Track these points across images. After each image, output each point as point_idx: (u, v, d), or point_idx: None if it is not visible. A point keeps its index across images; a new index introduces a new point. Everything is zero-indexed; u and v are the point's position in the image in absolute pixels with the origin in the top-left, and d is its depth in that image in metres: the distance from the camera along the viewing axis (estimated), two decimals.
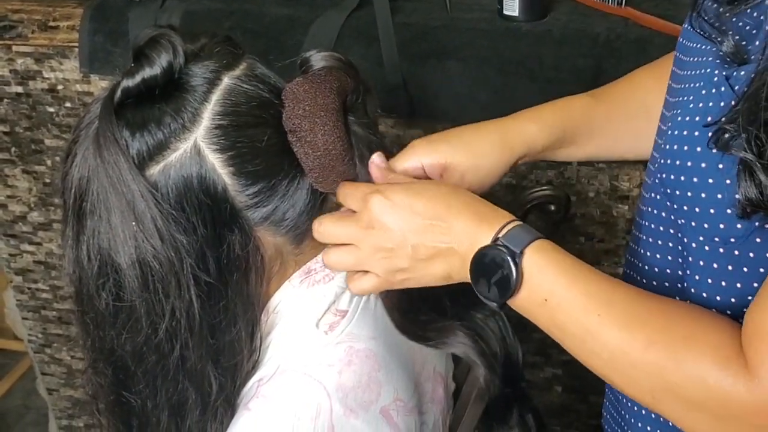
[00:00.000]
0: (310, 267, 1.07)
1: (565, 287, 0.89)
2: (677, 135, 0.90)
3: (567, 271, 0.90)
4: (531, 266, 0.90)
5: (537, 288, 0.91)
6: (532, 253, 0.90)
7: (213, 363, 1.00)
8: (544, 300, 0.90)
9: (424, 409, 1.15)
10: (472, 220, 0.94)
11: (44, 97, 1.93)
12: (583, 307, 0.87)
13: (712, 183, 0.85)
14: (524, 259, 0.90)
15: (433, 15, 1.66)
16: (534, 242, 0.91)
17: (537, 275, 0.90)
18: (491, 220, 0.93)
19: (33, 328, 2.34)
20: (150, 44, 0.96)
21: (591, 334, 0.87)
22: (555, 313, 0.90)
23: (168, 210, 0.94)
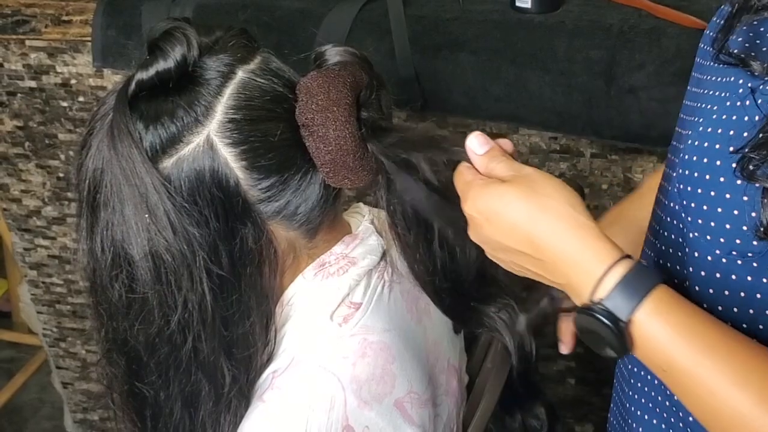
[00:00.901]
0: (323, 260, 1.07)
1: (687, 362, 0.78)
2: (697, 146, 0.86)
3: (688, 342, 0.78)
4: (642, 335, 0.79)
5: (652, 356, 0.81)
6: (644, 319, 0.79)
7: (226, 355, 1.00)
8: (663, 370, 0.80)
9: (438, 402, 1.15)
10: (562, 260, 0.83)
11: (57, 92, 1.93)
12: (708, 387, 0.78)
13: (729, 198, 0.82)
14: (633, 327, 0.79)
15: (446, 7, 1.66)
16: (645, 301, 0.79)
17: (650, 344, 0.80)
18: (587, 266, 0.81)
19: (48, 322, 2.35)
20: (164, 37, 0.96)
21: (717, 412, 0.78)
22: (676, 383, 0.81)
23: (181, 203, 0.94)
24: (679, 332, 0.79)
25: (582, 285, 0.81)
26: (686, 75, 0.98)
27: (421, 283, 1.11)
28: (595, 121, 1.54)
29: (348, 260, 1.07)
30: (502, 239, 0.86)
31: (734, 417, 0.77)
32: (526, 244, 0.85)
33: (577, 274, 0.82)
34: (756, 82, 0.82)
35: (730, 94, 0.85)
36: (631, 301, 0.79)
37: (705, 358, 0.78)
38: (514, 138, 1.66)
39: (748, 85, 0.82)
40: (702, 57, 0.95)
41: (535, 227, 0.84)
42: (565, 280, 0.84)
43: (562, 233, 0.83)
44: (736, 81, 0.85)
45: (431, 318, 1.17)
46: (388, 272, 1.11)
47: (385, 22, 1.62)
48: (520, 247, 0.85)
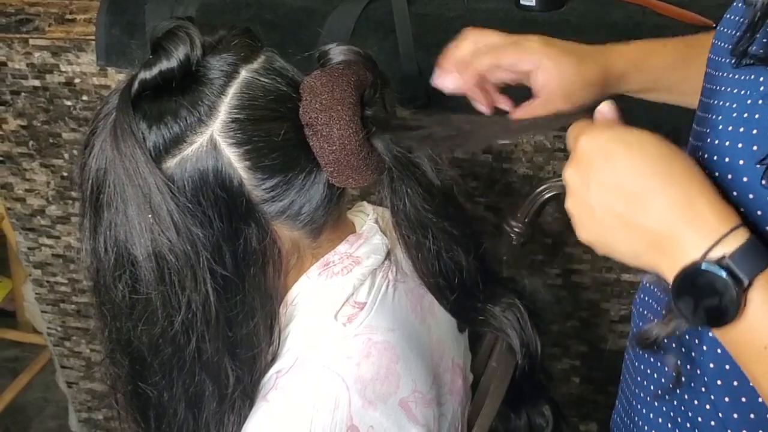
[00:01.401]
0: (328, 259, 1.07)
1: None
2: (717, 144, 0.84)
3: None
4: (759, 303, 0.74)
5: (759, 330, 0.75)
6: (764, 286, 0.74)
7: (230, 355, 1.00)
8: (764, 347, 0.74)
9: (443, 401, 1.15)
10: (682, 210, 0.77)
11: (61, 91, 1.93)
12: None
13: (752, 198, 0.80)
14: (753, 292, 0.74)
15: (450, 5, 1.66)
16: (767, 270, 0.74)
17: (759, 316, 0.74)
18: (710, 220, 0.76)
19: (52, 321, 2.35)
20: (168, 36, 0.96)
21: None
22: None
23: (184, 203, 0.94)
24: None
25: (695, 239, 0.76)
26: None
27: (426, 283, 1.11)
28: None
29: (352, 260, 1.07)
30: (615, 173, 0.79)
31: None
32: (648, 179, 0.78)
33: (694, 225, 0.76)
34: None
35: (751, 92, 0.83)
36: (757, 265, 0.74)
37: None
38: None
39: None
40: (716, 53, 0.94)
41: (670, 162, 0.79)
42: (671, 227, 0.77)
43: (694, 181, 0.78)
44: (757, 78, 0.83)
45: (435, 317, 1.17)
46: (393, 271, 1.11)
47: (389, 21, 1.62)
48: (637, 187, 0.78)
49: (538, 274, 1.78)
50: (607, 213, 0.80)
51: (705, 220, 0.76)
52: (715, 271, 0.74)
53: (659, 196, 0.77)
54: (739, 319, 0.75)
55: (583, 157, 0.82)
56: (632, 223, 0.79)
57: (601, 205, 0.80)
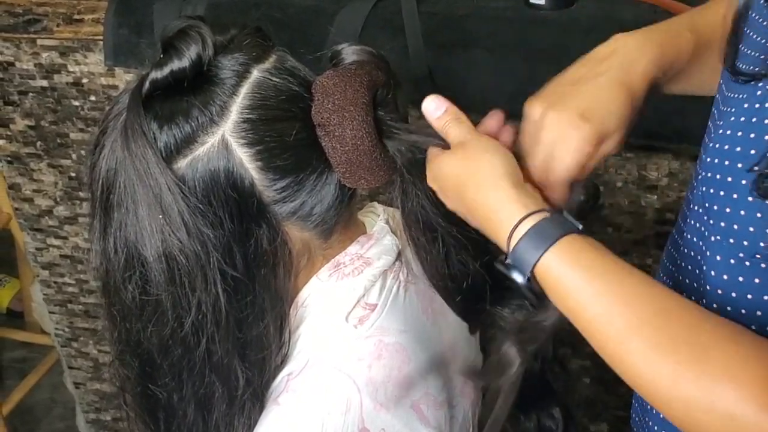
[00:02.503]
0: (338, 260, 1.06)
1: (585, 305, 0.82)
2: (718, 149, 0.87)
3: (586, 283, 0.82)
4: (548, 282, 0.85)
5: (559, 302, 0.85)
6: (549, 266, 0.84)
7: (240, 357, 1.00)
8: (568, 314, 0.85)
9: (454, 403, 1.14)
10: (488, 223, 0.90)
11: (69, 91, 1.93)
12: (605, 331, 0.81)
13: (752, 201, 0.81)
14: (540, 275, 0.85)
15: (459, 4, 1.65)
16: (550, 249, 0.83)
17: (555, 291, 0.85)
18: (503, 225, 0.87)
19: (60, 322, 2.35)
20: (179, 36, 0.95)
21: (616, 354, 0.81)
22: (582, 327, 0.84)
23: (195, 204, 0.93)
24: (583, 276, 0.82)
25: (501, 239, 0.87)
26: None
27: (435, 285, 1.11)
28: None
29: (363, 261, 1.06)
30: (452, 203, 0.95)
31: (628, 363, 0.79)
32: (464, 206, 0.92)
33: (497, 229, 0.88)
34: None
35: (749, 96, 0.85)
36: (537, 250, 0.83)
37: (604, 302, 0.81)
38: None
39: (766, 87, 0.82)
40: None
41: (465, 190, 0.91)
42: (492, 236, 0.89)
43: (483, 193, 0.89)
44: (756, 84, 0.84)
45: (447, 318, 1.16)
46: (404, 273, 1.10)
47: (398, 20, 1.62)
48: (462, 209, 0.93)
49: None
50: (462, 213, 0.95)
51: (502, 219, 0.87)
52: (505, 267, 0.88)
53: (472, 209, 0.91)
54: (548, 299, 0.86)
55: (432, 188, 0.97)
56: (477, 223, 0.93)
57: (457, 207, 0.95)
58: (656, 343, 0.78)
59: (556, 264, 0.83)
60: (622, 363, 0.80)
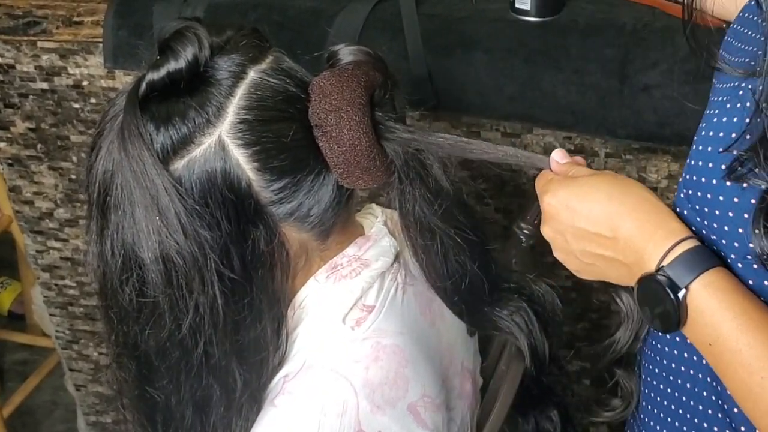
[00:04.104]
0: (336, 262, 1.06)
1: (730, 338, 0.81)
2: (701, 150, 0.88)
3: (735, 317, 0.81)
4: (696, 306, 0.83)
5: (701, 330, 0.84)
6: (700, 290, 0.83)
7: (238, 359, 1.00)
8: (709, 345, 0.83)
9: (452, 405, 1.14)
10: (638, 234, 0.88)
11: (69, 93, 1.93)
12: (747, 366, 0.80)
13: (737, 202, 0.82)
14: (689, 296, 0.83)
15: (458, 6, 1.65)
16: (703, 274, 0.83)
17: (701, 317, 0.83)
18: (658, 238, 0.86)
19: (60, 324, 2.35)
20: (175, 37, 0.95)
21: (754, 394, 0.80)
22: (719, 360, 0.83)
23: (192, 205, 0.93)
24: (729, 308, 0.81)
25: (652, 256, 0.85)
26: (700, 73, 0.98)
27: (434, 286, 1.10)
28: (609, 121, 1.53)
29: (361, 262, 1.06)
30: (581, 223, 0.91)
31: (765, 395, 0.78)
32: (604, 224, 0.89)
33: (650, 247, 0.86)
34: (755, 82, 0.82)
35: (731, 97, 0.86)
36: (692, 271, 0.83)
37: (748, 336, 0.80)
38: (528, 138, 1.65)
39: (749, 86, 0.83)
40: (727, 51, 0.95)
41: (612, 206, 0.89)
42: (636, 256, 0.87)
43: (641, 210, 0.88)
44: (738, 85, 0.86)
45: (445, 320, 1.16)
46: (402, 274, 1.10)
47: (398, 21, 1.61)
48: (597, 228, 0.90)
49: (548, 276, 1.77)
50: (586, 254, 0.92)
51: (657, 238, 0.86)
52: (657, 280, 0.84)
53: (619, 230, 0.88)
54: (687, 322, 0.84)
55: (551, 213, 0.95)
56: (607, 257, 0.90)
57: (579, 250, 0.93)
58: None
59: (708, 290, 0.83)
60: (759, 398, 0.80)
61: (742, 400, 0.82)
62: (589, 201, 0.91)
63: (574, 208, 0.92)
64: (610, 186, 0.91)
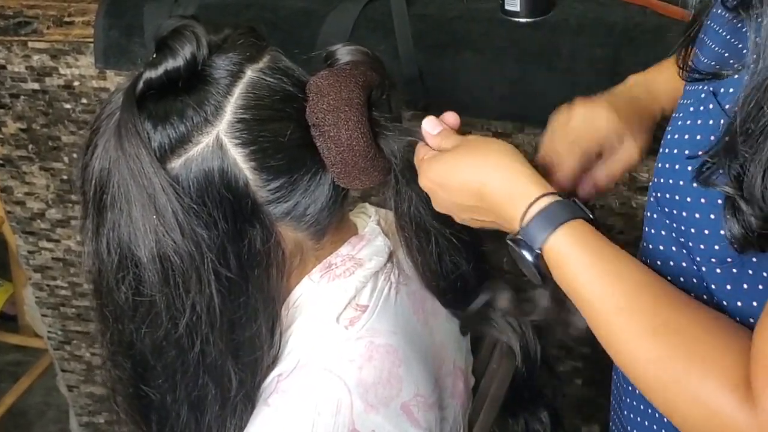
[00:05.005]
0: (330, 261, 1.06)
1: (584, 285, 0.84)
2: (668, 153, 0.88)
3: (587, 265, 0.84)
4: (552, 262, 0.86)
5: (561, 281, 0.87)
6: (552, 247, 0.85)
7: (233, 358, 1.00)
8: (569, 293, 0.86)
9: (445, 404, 1.14)
10: (501, 199, 0.91)
11: (60, 94, 1.92)
12: (602, 312, 0.83)
13: (704, 203, 0.82)
14: (545, 254, 0.86)
15: (449, 5, 1.65)
16: (555, 232, 0.85)
17: (559, 271, 0.86)
18: (516, 201, 0.89)
19: (52, 325, 2.35)
20: (173, 35, 0.95)
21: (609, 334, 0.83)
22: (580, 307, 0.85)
23: (189, 204, 0.93)
24: (584, 256, 0.84)
25: (515, 220, 0.88)
26: None
27: (428, 285, 1.11)
28: None
29: (354, 262, 1.06)
30: (457, 198, 0.95)
31: (620, 342, 0.81)
32: (473, 195, 0.92)
33: (511, 210, 0.89)
34: (716, 85, 0.82)
35: (694, 100, 0.86)
36: (546, 230, 0.86)
37: (602, 283, 0.83)
38: (519, 137, 1.65)
39: (710, 89, 0.83)
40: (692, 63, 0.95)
41: (475, 177, 0.92)
42: (505, 219, 0.90)
43: (497, 176, 0.91)
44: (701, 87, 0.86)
45: (438, 319, 1.16)
46: (395, 274, 1.10)
47: (389, 21, 1.61)
48: (472, 201, 0.93)
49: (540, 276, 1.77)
50: (476, 221, 0.97)
51: (515, 201, 0.89)
52: (515, 245, 0.88)
53: (485, 197, 0.91)
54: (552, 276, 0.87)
55: (430, 193, 0.98)
56: (489, 221, 0.94)
57: (468, 218, 0.97)
58: (650, 327, 0.80)
59: (563, 244, 0.85)
60: (616, 343, 0.82)
61: (606, 347, 0.84)
62: (456, 175, 0.94)
63: (445, 184, 0.95)
64: (472, 155, 0.94)
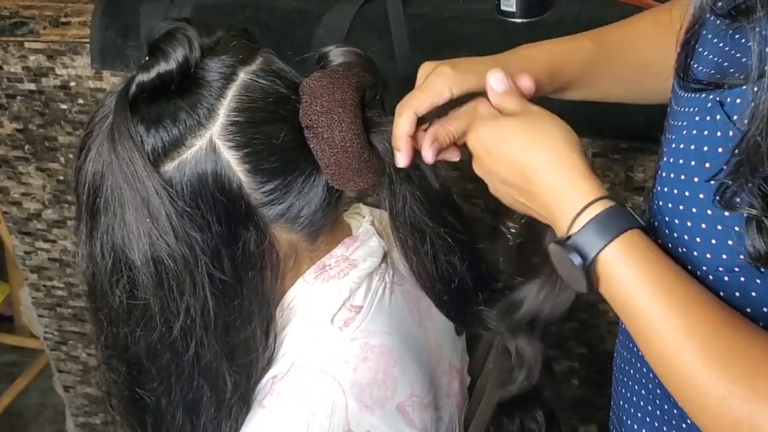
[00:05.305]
0: (324, 263, 1.06)
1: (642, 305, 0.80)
2: (672, 162, 0.87)
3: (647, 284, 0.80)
4: (606, 273, 0.81)
5: (612, 295, 0.82)
6: (608, 258, 0.81)
7: (228, 361, 1.00)
8: (620, 308, 0.82)
9: (440, 404, 1.14)
10: (549, 192, 0.85)
11: (57, 94, 1.92)
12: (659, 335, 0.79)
13: (711, 214, 0.81)
14: (599, 265, 0.81)
15: (445, 6, 1.65)
16: (613, 242, 0.80)
17: (611, 285, 0.81)
18: (569, 200, 0.84)
19: (49, 325, 2.34)
20: (165, 38, 0.95)
21: (667, 358, 0.79)
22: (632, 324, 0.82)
23: (182, 207, 0.93)
24: (641, 273, 0.80)
25: (562, 219, 0.84)
26: None
27: (423, 286, 1.11)
28: (596, 120, 1.53)
29: (348, 263, 1.06)
30: (500, 170, 0.90)
31: (677, 366, 0.78)
32: (518, 175, 0.88)
33: (559, 207, 0.84)
34: (722, 95, 0.81)
35: (699, 109, 0.85)
36: (601, 239, 0.81)
37: (659, 302, 0.79)
38: None
39: (717, 99, 0.82)
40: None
41: (527, 158, 0.87)
42: (548, 212, 0.86)
43: (551, 166, 0.86)
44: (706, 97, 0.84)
45: (433, 320, 1.16)
46: (389, 274, 1.10)
47: (385, 22, 1.61)
48: (513, 178, 0.89)
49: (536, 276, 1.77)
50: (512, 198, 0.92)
51: (568, 200, 0.84)
52: (564, 250, 0.82)
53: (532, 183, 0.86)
54: (599, 286, 0.82)
55: (475, 154, 0.93)
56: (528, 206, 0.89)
57: (504, 192, 0.92)
58: (711, 350, 0.76)
59: (619, 258, 0.81)
60: (674, 367, 0.78)
61: (657, 368, 0.81)
62: (506, 148, 0.89)
63: (492, 152, 0.91)
64: (533, 131, 0.89)
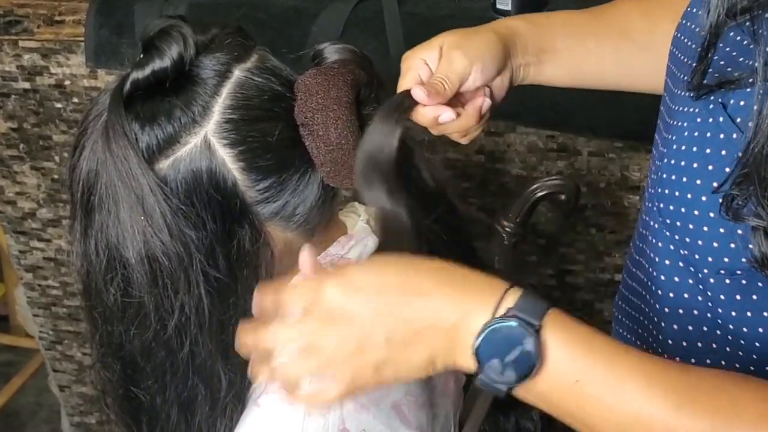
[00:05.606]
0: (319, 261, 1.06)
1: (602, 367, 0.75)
2: (673, 164, 0.86)
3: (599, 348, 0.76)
4: (554, 342, 0.75)
5: (565, 368, 0.76)
6: (553, 326, 0.75)
7: (223, 359, 0.99)
8: (575, 381, 0.75)
9: (436, 403, 1.14)
10: (458, 288, 0.79)
11: (51, 93, 1.92)
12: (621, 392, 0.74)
13: (713, 217, 0.80)
14: (545, 333, 0.75)
15: (440, 4, 1.66)
16: (548, 313, 0.76)
17: (563, 353, 0.75)
18: (485, 288, 0.78)
19: (44, 325, 2.34)
20: (160, 35, 0.95)
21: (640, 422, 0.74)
22: (588, 398, 0.76)
23: (177, 205, 0.93)
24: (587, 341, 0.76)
25: (478, 309, 0.76)
26: None
27: None
28: (592, 119, 1.54)
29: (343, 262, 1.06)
30: (382, 299, 0.79)
31: None
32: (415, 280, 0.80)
33: (472, 302, 0.77)
34: (725, 97, 0.80)
35: (701, 110, 0.84)
36: (539, 310, 0.76)
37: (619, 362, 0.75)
38: (511, 137, 1.65)
39: (720, 100, 0.81)
40: (675, 65, 0.94)
41: (419, 268, 0.81)
42: (457, 314, 0.77)
43: (445, 274, 0.80)
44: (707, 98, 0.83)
45: None
46: None
47: (380, 20, 1.62)
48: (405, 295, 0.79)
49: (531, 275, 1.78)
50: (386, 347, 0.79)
51: (478, 294, 0.77)
52: (507, 324, 0.74)
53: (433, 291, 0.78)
54: (545, 363, 0.75)
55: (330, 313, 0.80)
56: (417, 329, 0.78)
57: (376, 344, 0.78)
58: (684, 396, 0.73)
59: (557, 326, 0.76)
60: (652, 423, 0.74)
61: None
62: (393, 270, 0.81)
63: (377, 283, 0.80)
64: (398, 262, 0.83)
